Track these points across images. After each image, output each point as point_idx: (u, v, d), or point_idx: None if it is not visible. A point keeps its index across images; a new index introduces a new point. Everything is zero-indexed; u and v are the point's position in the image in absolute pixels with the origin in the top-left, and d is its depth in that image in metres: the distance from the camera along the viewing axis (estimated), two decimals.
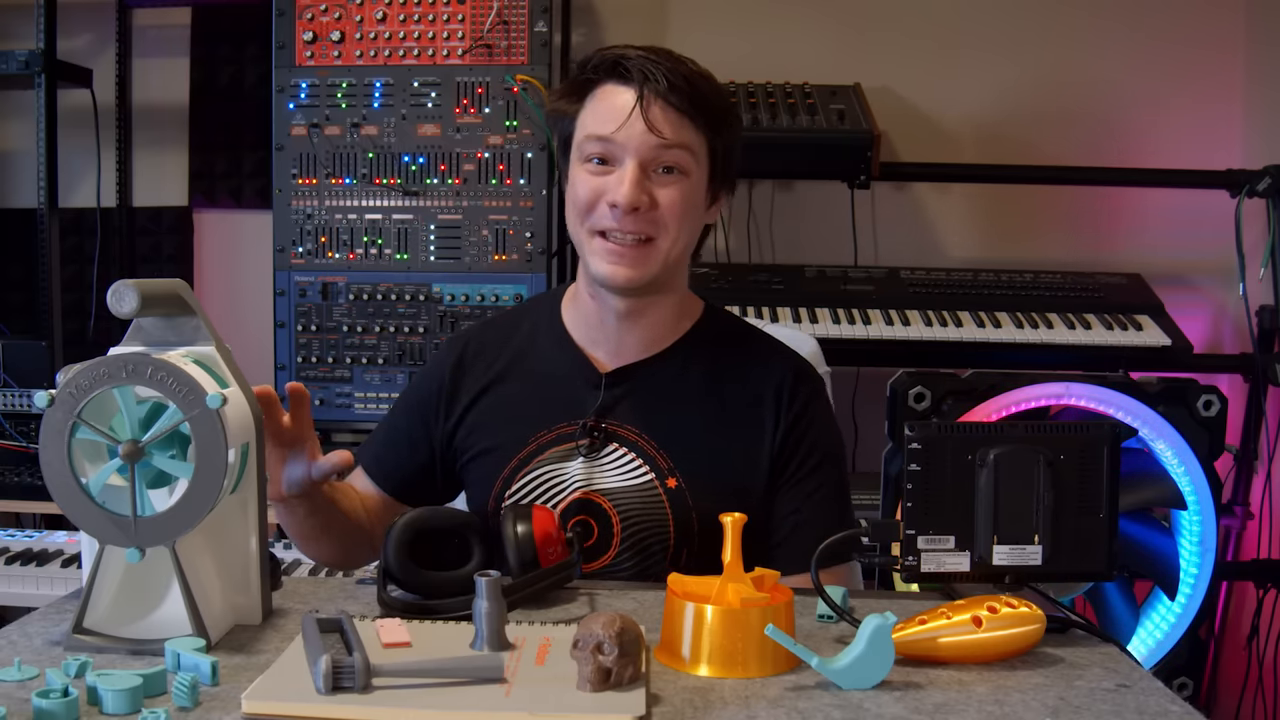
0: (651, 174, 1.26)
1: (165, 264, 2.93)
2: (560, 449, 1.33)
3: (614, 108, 1.25)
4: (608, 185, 1.25)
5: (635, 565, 1.31)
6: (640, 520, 1.31)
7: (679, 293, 1.38)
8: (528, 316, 1.45)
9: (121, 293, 0.95)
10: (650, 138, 1.24)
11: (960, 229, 2.83)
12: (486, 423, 1.37)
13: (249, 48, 2.85)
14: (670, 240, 1.27)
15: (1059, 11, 2.77)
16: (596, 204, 1.27)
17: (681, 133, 1.25)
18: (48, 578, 2.05)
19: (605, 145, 1.26)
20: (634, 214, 1.24)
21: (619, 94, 1.25)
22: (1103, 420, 2.00)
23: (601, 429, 1.32)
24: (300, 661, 0.91)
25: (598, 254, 1.28)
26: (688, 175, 1.27)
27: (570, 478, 1.32)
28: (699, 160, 1.28)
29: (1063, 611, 1.07)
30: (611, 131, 1.24)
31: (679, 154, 1.25)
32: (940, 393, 2.08)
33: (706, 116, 1.27)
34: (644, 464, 1.32)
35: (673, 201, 1.26)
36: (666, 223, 1.26)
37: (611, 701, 0.85)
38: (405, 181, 2.36)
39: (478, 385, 1.39)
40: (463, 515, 1.24)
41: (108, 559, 0.97)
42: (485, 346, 1.41)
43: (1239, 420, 2.47)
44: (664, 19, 2.83)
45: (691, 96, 1.25)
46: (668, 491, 1.31)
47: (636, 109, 1.23)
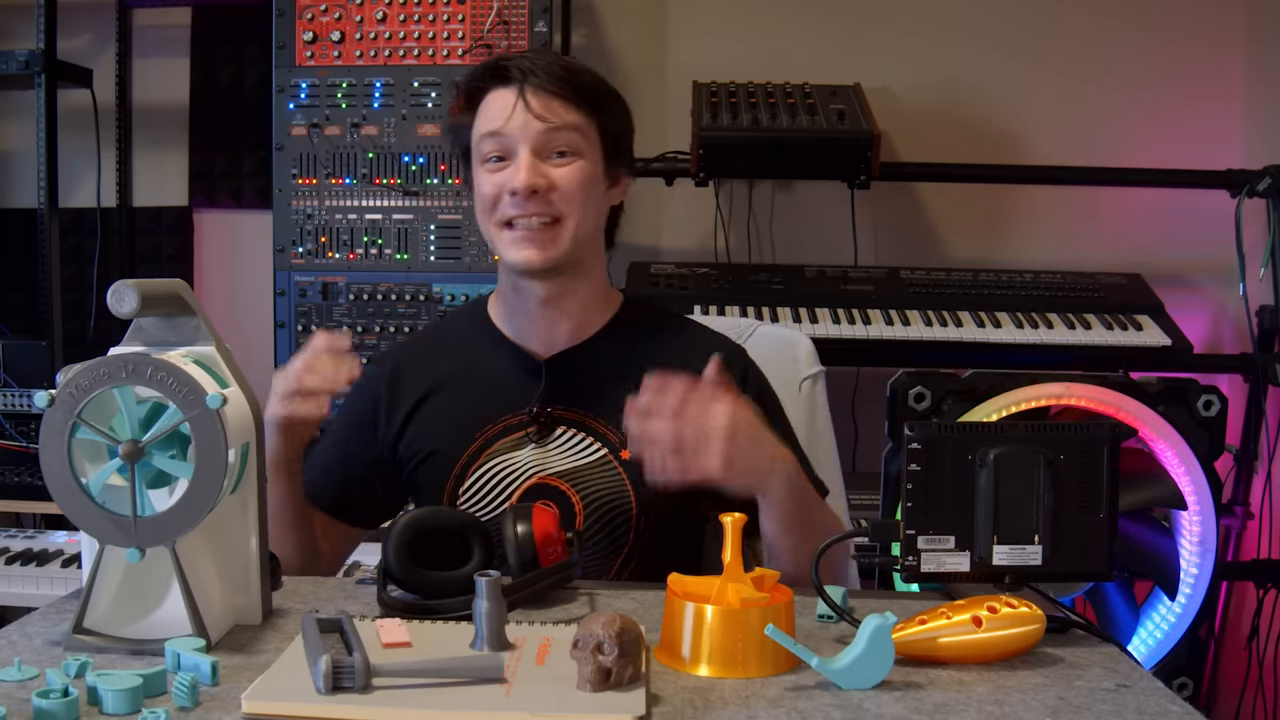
0: (546, 159, 1.32)
1: (165, 264, 2.93)
2: (508, 440, 1.37)
3: (501, 106, 1.32)
4: (507, 176, 1.31)
5: (602, 539, 1.34)
6: (601, 495, 1.34)
7: (598, 280, 1.42)
8: (452, 326, 1.51)
9: (121, 293, 0.95)
10: (536, 124, 1.30)
11: (960, 229, 2.83)
12: (430, 427, 1.40)
13: (249, 48, 2.85)
14: (576, 219, 1.33)
15: (1059, 11, 2.77)
16: (500, 197, 1.32)
17: (566, 115, 1.32)
18: (48, 578, 2.05)
19: (499, 141, 1.32)
20: (534, 197, 1.30)
21: (503, 94, 1.33)
22: (1103, 420, 2.00)
23: (547, 414, 1.36)
24: (300, 661, 0.91)
25: (509, 243, 1.33)
26: (581, 155, 1.33)
27: (522, 465, 1.36)
28: (590, 141, 1.34)
29: (1063, 611, 1.07)
30: (500, 126, 1.31)
31: (568, 135, 1.32)
32: (940, 393, 2.08)
33: (589, 99, 1.34)
34: (595, 441, 1.36)
35: (570, 180, 1.32)
36: (569, 201, 1.32)
37: (611, 701, 0.85)
38: (405, 181, 2.36)
39: (415, 395, 1.42)
40: (463, 515, 1.24)
41: (108, 559, 0.97)
42: (416, 359, 1.45)
43: (1239, 420, 2.46)
44: (664, 19, 2.83)
45: (569, 82, 1.32)
46: (623, 463, 1.34)
47: (519, 101, 1.31)
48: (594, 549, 1.34)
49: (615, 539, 1.35)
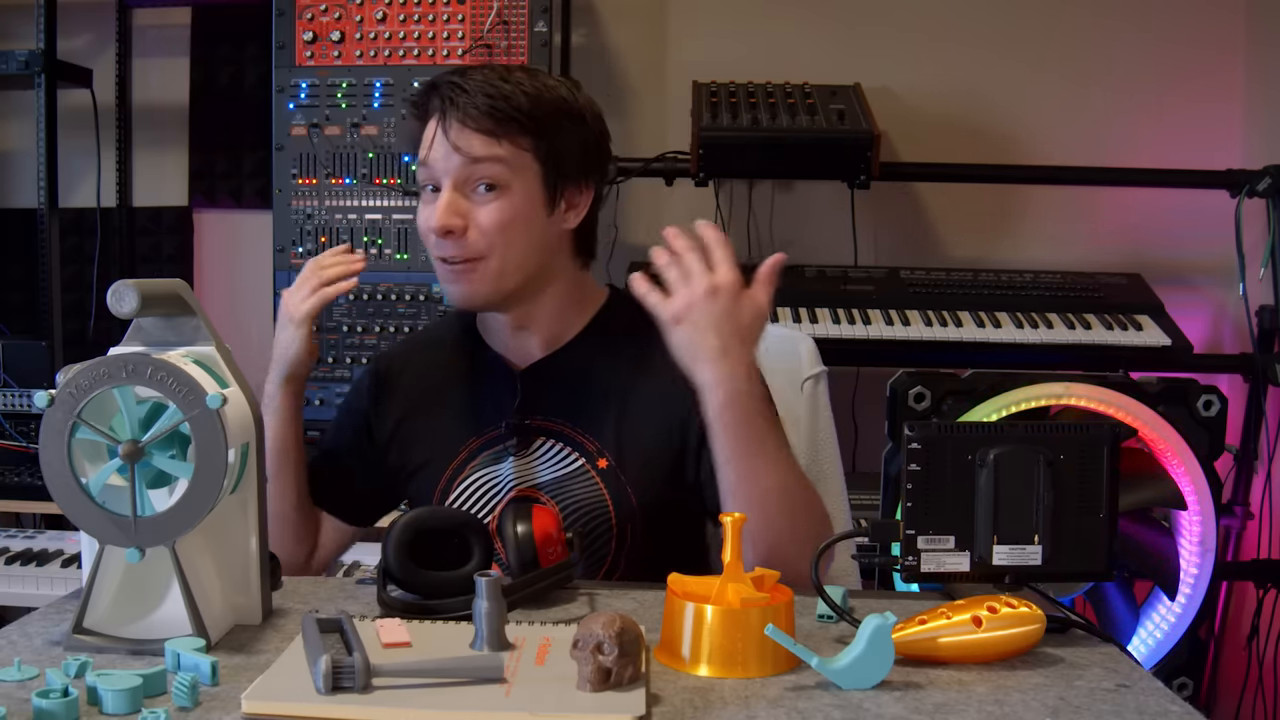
0: (469, 194, 1.27)
1: (165, 264, 2.93)
2: (490, 452, 1.36)
3: (427, 137, 1.28)
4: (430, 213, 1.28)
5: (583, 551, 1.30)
6: (579, 506, 1.32)
7: (562, 292, 1.36)
8: (440, 332, 1.49)
9: (121, 293, 0.95)
10: (454, 158, 1.25)
11: (960, 229, 2.83)
12: (418, 439, 1.40)
13: (249, 48, 2.85)
14: (499, 258, 1.27)
15: (1060, 11, 2.77)
16: (427, 233, 1.29)
17: (486, 148, 1.25)
18: (48, 578, 2.05)
19: (427, 172, 1.29)
20: (450, 237, 1.26)
21: (430, 123, 1.29)
22: (1103, 420, 2.00)
23: (526, 425, 1.34)
24: (300, 661, 0.91)
25: (441, 279, 1.32)
26: (507, 189, 1.26)
27: (504, 478, 1.34)
28: (518, 171, 1.26)
29: (1063, 611, 1.07)
30: (424, 156, 1.28)
31: (489, 167, 1.25)
32: (940, 393, 2.08)
33: (519, 125, 1.25)
34: (572, 450, 1.34)
35: (491, 219, 1.26)
36: (490, 240, 1.26)
37: (611, 701, 0.85)
38: (405, 181, 2.36)
39: (401, 408, 1.41)
40: (463, 515, 1.24)
41: (108, 559, 0.97)
42: (405, 367, 1.44)
43: (1239, 420, 2.46)
44: (664, 19, 2.83)
45: (492, 111, 1.24)
46: (600, 472, 1.32)
47: (438, 133, 1.26)
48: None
49: (596, 550, 1.32)
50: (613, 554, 1.33)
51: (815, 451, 1.55)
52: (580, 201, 1.34)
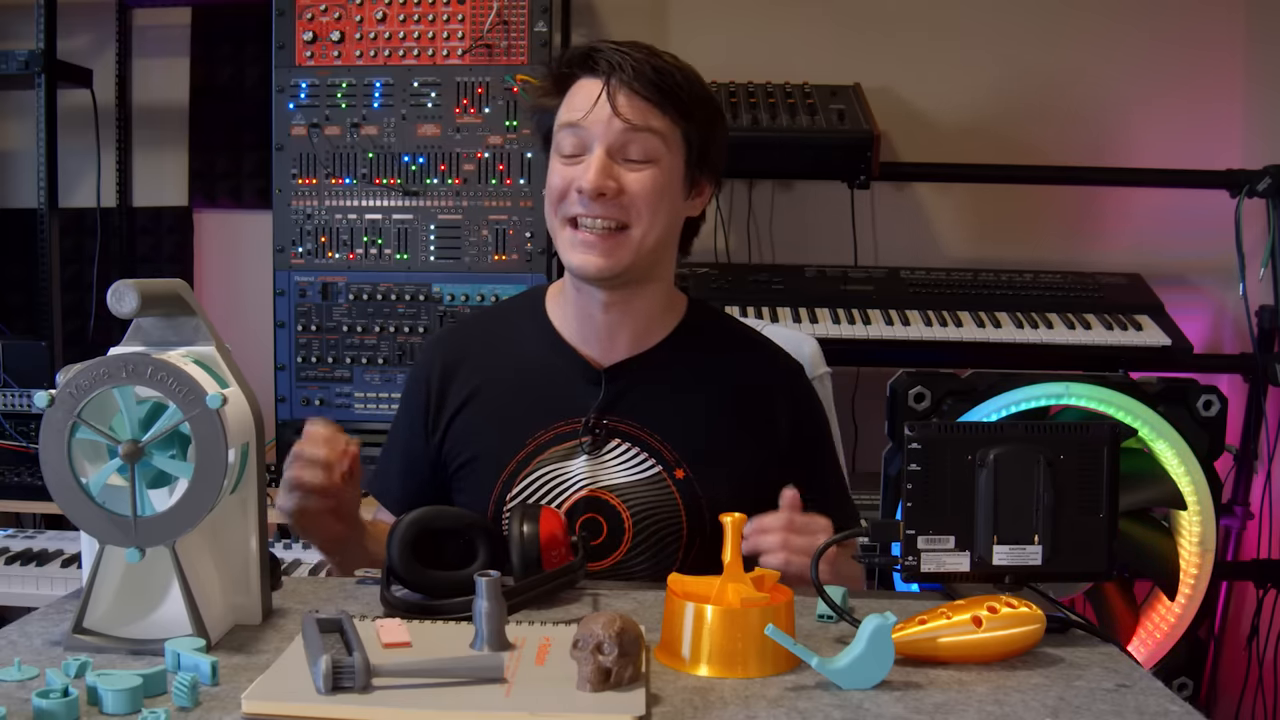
0: (621, 161, 1.26)
1: (165, 264, 2.93)
2: (560, 448, 1.32)
3: (584, 97, 1.26)
4: (577, 173, 1.26)
5: (649, 560, 1.31)
6: (652, 514, 1.31)
7: (664, 286, 1.37)
8: (509, 316, 1.44)
9: (121, 293, 0.95)
10: (616, 123, 1.24)
11: (960, 229, 2.83)
12: (477, 428, 1.36)
13: (249, 48, 2.85)
14: (643, 228, 1.27)
15: (1060, 11, 2.77)
16: (567, 192, 1.27)
17: (649, 118, 1.25)
18: (48, 578, 2.05)
19: (575, 133, 1.27)
20: (601, 199, 1.25)
21: (590, 85, 1.27)
22: (1103, 420, 2.00)
23: (603, 425, 1.32)
24: (300, 661, 0.91)
25: (570, 244, 1.28)
26: (657, 162, 1.27)
27: (574, 477, 1.31)
28: (670, 147, 1.28)
29: (1063, 611, 1.07)
30: (579, 119, 1.26)
31: (647, 139, 1.26)
32: (940, 393, 2.08)
33: (676, 103, 1.27)
34: (649, 457, 1.32)
35: (642, 187, 1.26)
36: (639, 209, 1.26)
37: (611, 701, 0.85)
38: (405, 181, 2.36)
39: (464, 392, 1.37)
40: (468, 515, 1.24)
41: (108, 559, 0.97)
42: (467, 350, 1.40)
43: (1239, 420, 2.46)
44: (664, 19, 2.83)
45: (658, 84, 1.25)
46: (676, 482, 1.31)
47: (603, 95, 1.24)
48: (641, 567, 1.31)
49: (662, 558, 1.31)
50: (679, 564, 1.31)
51: None
52: (706, 192, 1.35)
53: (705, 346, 1.38)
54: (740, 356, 1.39)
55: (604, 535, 1.31)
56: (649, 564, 1.31)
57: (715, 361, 1.37)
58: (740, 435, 1.34)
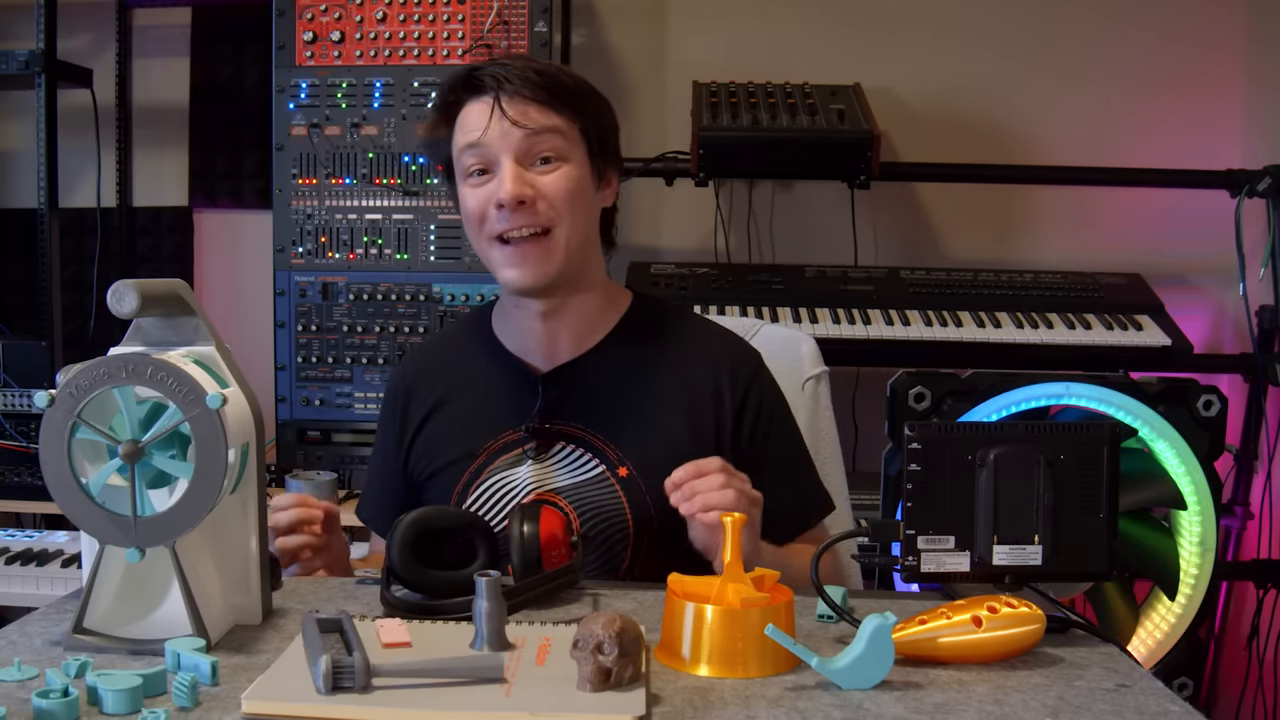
0: (530, 167, 1.28)
1: (165, 264, 2.93)
2: (509, 456, 1.35)
3: (478, 117, 1.28)
4: (492, 190, 1.28)
5: (598, 558, 1.32)
6: (597, 513, 1.32)
7: (598, 285, 1.39)
8: (460, 334, 1.48)
9: (121, 293, 0.95)
10: (515, 131, 1.27)
11: (960, 229, 2.83)
12: (436, 443, 1.40)
13: (249, 48, 2.85)
14: (567, 227, 1.29)
15: (1059, 11, 2.77)
16: (486, 212, 1.29)
17: (544, 119, 1.28)
18: (48, 578, 2.05)
19: (479, 152, 1.28)
20: (521, 208, 1.27)
21: (477, 105, 1.29)
22: (1103, 420, 2.00)
23: (546, 430, 1.34)
24: (300, 661, 0.91)
25: (501, 262, 1.30)
26: (566, 159, 1.29)
27: (521, 482, 1.33)
28: (573, 143, 1.30)
29: (1063, 611, 1.07)
30: (479, 137, 1.27)
31: (549, 139, 1.28)
32: (940, 393, 2.08)
33: (566, 99, 1.29)
34: (593, 457, 1.33)
35: (557, 187, 1.28)
36: (558, 209, 1.28)
37: (611, 701, 0.85)
38: (405, 181, 2.36)
39: (422, 411, 1.41)
40: (468, 515, 1.24)
41: (108, 559, 0.97)
42: (425, 369, 1.44)
43: (1239, 420, 2.46)
44: (663, 19, 2.83)
45: (544, 85, 1.28)
46: (620, 481, 1.32)
47: (495, 109, 1.27)
48: (590, 568, 1.31)
49: (611, 557, 1.32)
50: (628, 562, 1.33)
51: (817, 451, 1.54)
52: (613, 182, 1.38)
53: (646, 342, 1.39)
54: (682, 349, 1.39)
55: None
56: (597, 563, 1.32)
57: (656, 356, 1.38)
58: (684, 429, 1.34)
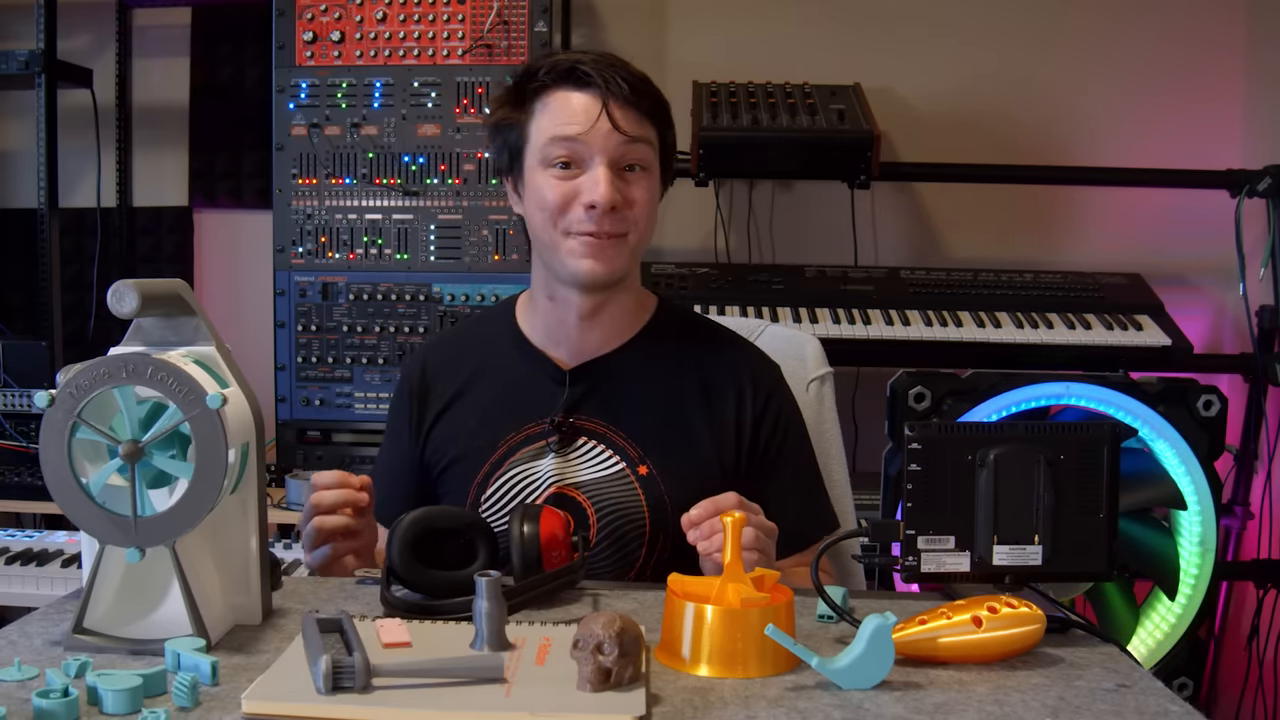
0: (618, 172, 1.29)
1: (165, 264, 2.93)
2: (530, 449, 1.35)
3: (576, 111, 1.28)
4: (579, 187, 1.28)
5: (612, 555, 1.33)
6: (615, 510, 1.32)
7: (635, 287, 1.41)
8: (483, 325, 1.48)
9: (121, 293, 0.95)
10: (616, 137, 1.28)
11: (960, 229, 2.83)
12: (455, 433, 1.39)
13: (249, 48, 2.85)
14: (639, 235, 1.32)
15: (1059, 11, 2.77)
16: (569, 207, 1.29)
17: (643, 130, 1.30)
18: (48, 578, 2.05)
19: (571, 147, 1.28)
20: (610, 213, 1.28)
21: (577, 98, 1.29)
22: (1103, 420, 2.00)
23: (569, 424, 1.35)
24: (300, 661, 0.91)
25: (571, 253, 1.30)
26: (650, 171, 1.32)
27: (543, 475, 1.34)
28: (656, 154, 1.33)
29: (1063, 611, 1.07)
30: (578, 133, 1.27)
31: (643, 150, 1.30)
32: (940, 393, 2.08)
33: (658, 112, 1.32)
34: (614, 454, 1.34)
35: (643, 197, 1.31)
36: (638, 219, 1.31)
37: (611, 701, 0.85)
38: (405, 181, 2.36)
39: (443, 400, 1.41)
40: (468, 515, 1.24)
41: (108, 559, 0.97)
42: (443, 361, 1.44)
43: (1239, 420, 2.47)
44: (663, 19, 2.83)
45: (646, 94, 1.30)
46: (640, 479, 1.33)
47: (603, 112, 1.27)
48: (605, 563, 1.32)
49: (626, 554, 1.33)
50: (642, 560, 1.33)
51: (821, 451, 1.54)
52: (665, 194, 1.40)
53: (671, 345, 1.40)
54: (706, 355, 1.41)
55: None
56: (612, 560, 1.33)
57: (680, 360, 1.39)
58: (703, 432, 1.36)
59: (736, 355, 1.42)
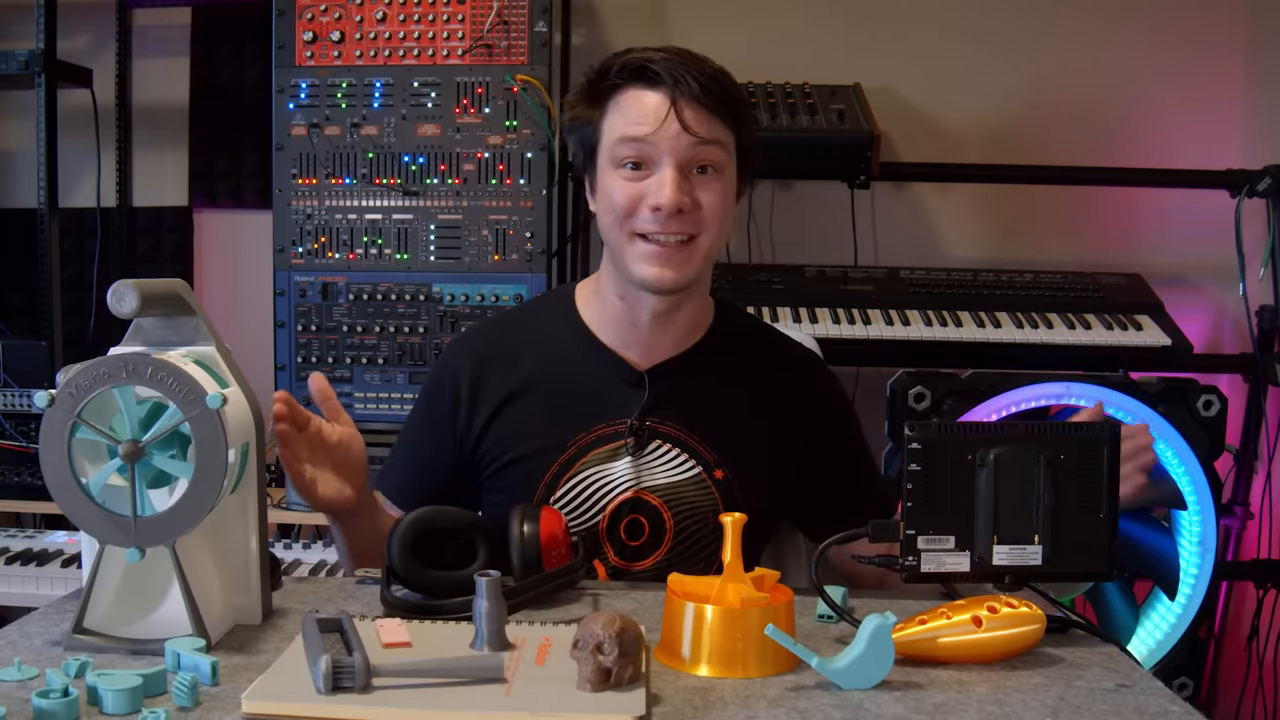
0: (688, 174, 1.26)
1: (165, 264, 2.93)
2: (603, 450, 1.33)
3: (645, 111, 1.25)
4: (647, 189, 1.25)
5: (689, 560, 1.33)
6: (692, 514, 1.32)
7: (706, 291, 1.39)
8: (540, 317, 1.43)
9: (121, 293, 0.95)
10: (685, 138, 1.24)
11: (960, 229, 2.83)
12: (517, 429, 1.35)
13: (249, 48, 2.85)
14: (711, 238, 1.28)
15: (1059, 12, 2.77)
16: (636, 208, 1.26)
17: (714, 131, 1.26)
18: (48, 578, 2.05)
19: (639, 148, 1.25)
20: (678, 215, 1.25)
21: (647, 97, 1.25)
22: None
23: (645, 427, 1.33)
24: (300, 661, 0.91)
25: (640, 257, 1.27)
26: (722, 173, 1.28)
27: (619, 478, 1.32)
28: (729, 155, 1.29)
29: (1063, 611, 1.07)
30: (646, 134, 1.24)
31: (714, 151, 1.26)
32: (940, 393, 2.08)
33: (733, 113, 1.28)
34: (690, 458, 1.33)
35: (713, 200, 1.27)
36: (708, 222, 1.27)
37: (611, 701, 0.85)
38: (405, 181, 2.36)
39: (500, 392, 1.36)
40: (468, 515, 1.24)
41: (108, 559, 0.97)
42: (499, 352, 1.38)
43: (1239, 420, 2.46)
44: (664, 19, 2.83)
45: (720, 95, 1.26)
46: (716, 483, 1.33)
47: (671, 111, 1.24)
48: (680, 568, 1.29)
49: (702, 559, 1.33)
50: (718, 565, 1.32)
51: None
52: (744, 195, 1.37)
53: (738, 347, 1.40)
54: (769, 355, 1.42)
55: (645, 536, 1.32)
56: (689, 565, 1.32)
57: (748, 362, 1.40)
58: (774, 434, 1.37)
59: (793, 354, 1.44)
